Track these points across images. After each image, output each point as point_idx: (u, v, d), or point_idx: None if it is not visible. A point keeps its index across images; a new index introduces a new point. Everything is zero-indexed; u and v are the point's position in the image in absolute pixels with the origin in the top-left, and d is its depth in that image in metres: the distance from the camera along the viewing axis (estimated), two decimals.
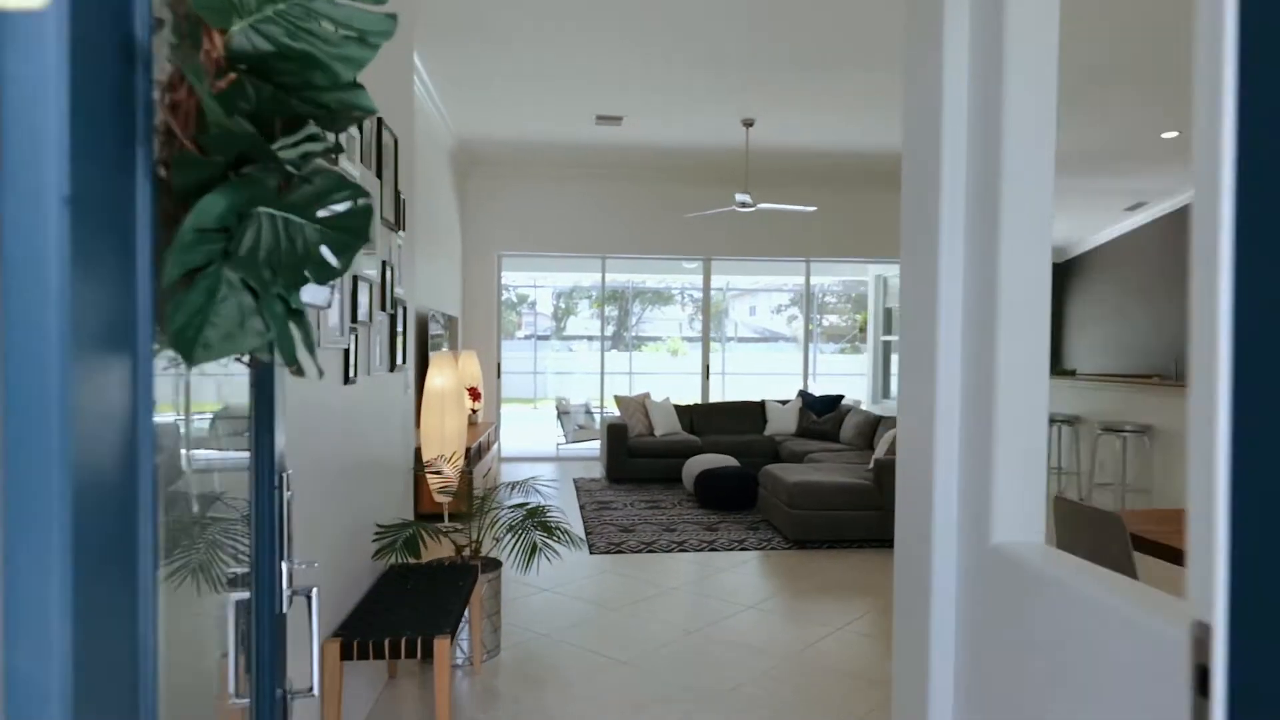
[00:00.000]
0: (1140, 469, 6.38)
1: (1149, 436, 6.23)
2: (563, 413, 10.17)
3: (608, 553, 5.16)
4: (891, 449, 5.66)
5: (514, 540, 3.59)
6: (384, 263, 3.16)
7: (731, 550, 5.23)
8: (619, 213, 9.00)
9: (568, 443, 9.91)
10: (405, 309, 3.60)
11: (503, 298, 9.36)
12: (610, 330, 17.62)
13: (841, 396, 8.09)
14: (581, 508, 6.53)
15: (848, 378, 17.10)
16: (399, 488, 3.72)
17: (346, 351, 2.64)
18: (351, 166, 2.66)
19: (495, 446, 8.14)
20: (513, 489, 3.86)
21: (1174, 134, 7.17)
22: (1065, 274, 12.07)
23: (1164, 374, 9.01)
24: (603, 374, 9.53)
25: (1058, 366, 11.97)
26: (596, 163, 8.54)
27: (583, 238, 9.00)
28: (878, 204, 9.18)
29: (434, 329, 6.66)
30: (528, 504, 3.85)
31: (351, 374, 2.71)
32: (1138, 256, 10.50)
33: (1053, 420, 7.17)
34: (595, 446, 9.84)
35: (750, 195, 6.95)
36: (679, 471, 7.58)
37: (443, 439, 5.68)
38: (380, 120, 3.10)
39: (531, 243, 9.00)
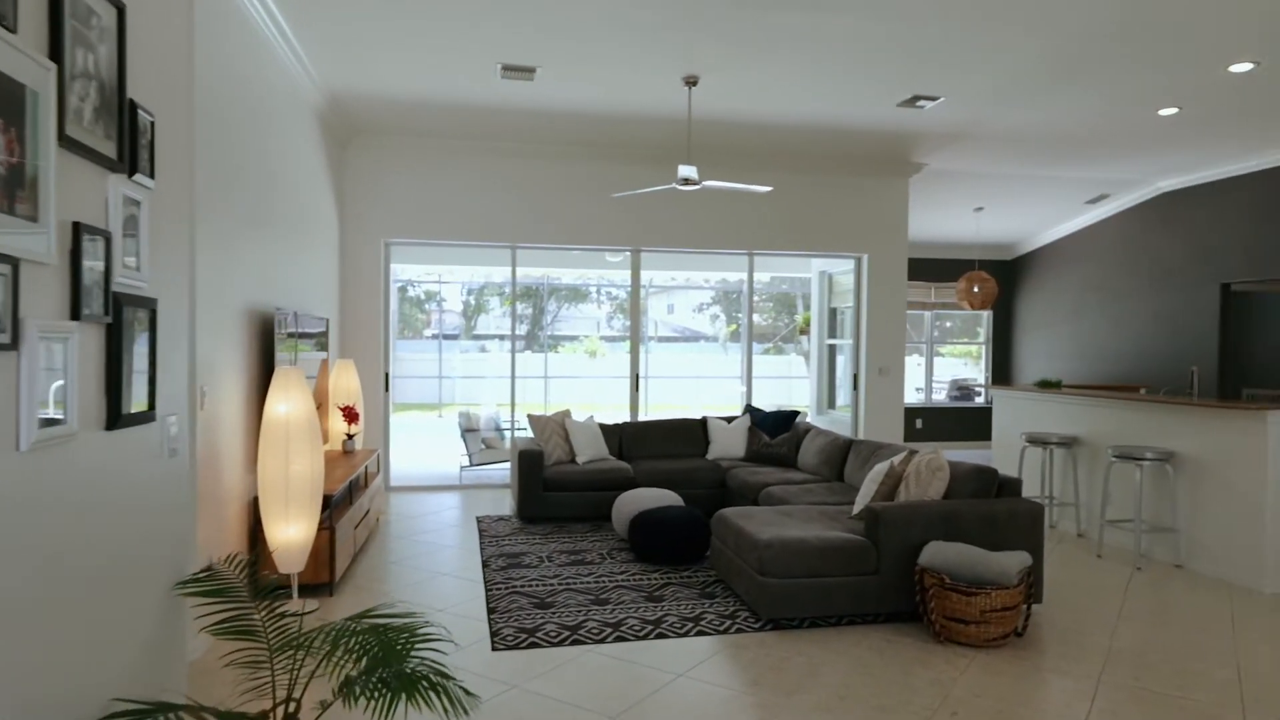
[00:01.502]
0: (1161, 504, 5.36)
1: (1172, 465, 5.21)
2: (467, 430, 8.65)
3: (516, 646, 3.74)
4: (885, 488, 4.43)
5: (355, 699, 2.15)
6: (76, 226, 1.67)
7: (685, 635, 3.90)
8: (532, 195, 7.55)
9: (472, 465, 8.42)
10: (155, 313, 2.09)
11: (407, 294, 7.78)
12: (523, 329, 16.11)
13: (796, 413, 6.87)
14: (485, 565, 5.08)
15: (775, 380, 16.17)
16: (142, 612, 2.21)
17: None
18: None
19: (379, 478, 6.59)
20: (353, 625, 2.38)
21: (1173, 110, 6.22)
22: (1015, 272, 11.22)
23: (1144, 385, 8.16)
24: (514, 379, 8.06)
25: (1007, 374, 11.12)
26: (505, 133, 7.07)
27: (489, 224, 7.51)
28: (831, 191, 8.02)
29: (307, 327, 5.11)
30: (386, 622, 2.42)
31: None
32: (1098, 252, 9.67)
33: (1045, 442, 6.11)
34: (506, 469, 8.38)
35: (695, 170, 5.64)
36: (607, 508, 6.22)
37: (286, 488, 4.14)
38: None
39: (427, 229, 7.45)
